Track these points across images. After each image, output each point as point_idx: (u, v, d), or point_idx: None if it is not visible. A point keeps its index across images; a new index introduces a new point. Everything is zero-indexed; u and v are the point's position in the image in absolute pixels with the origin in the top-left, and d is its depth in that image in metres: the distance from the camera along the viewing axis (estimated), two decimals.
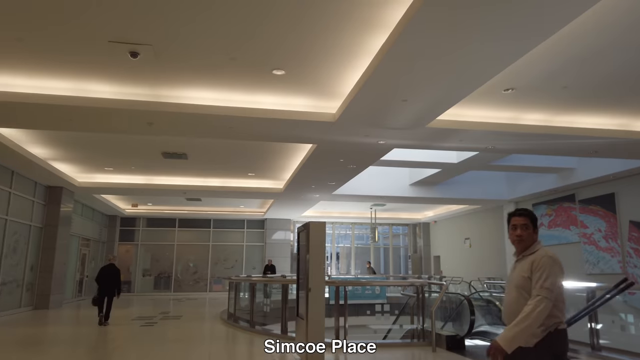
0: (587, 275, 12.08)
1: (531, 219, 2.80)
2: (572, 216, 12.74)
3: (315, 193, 13.88)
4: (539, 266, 2.56)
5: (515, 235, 2.77)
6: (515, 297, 2.63)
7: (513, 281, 2.70)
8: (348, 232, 23.19)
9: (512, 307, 2.63)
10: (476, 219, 18.19)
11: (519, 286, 2.62)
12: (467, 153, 10.73)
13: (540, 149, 8.80)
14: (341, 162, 9.94)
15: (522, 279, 2.61)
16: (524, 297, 2.56)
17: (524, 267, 2.65)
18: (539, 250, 2.69)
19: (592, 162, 11.36)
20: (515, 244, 2.79)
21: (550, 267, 2.55)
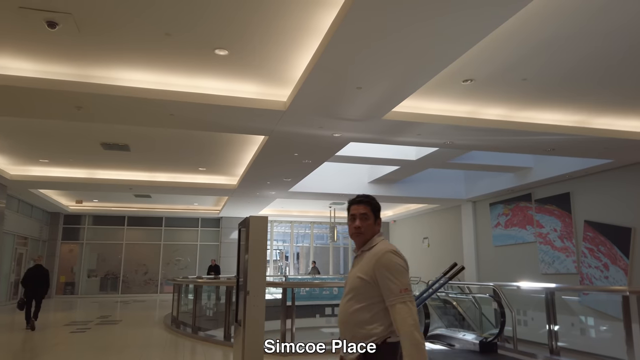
0: (542, 275, 12.07)
1: (372, 208, 2.39)
2: (529, 216, 12.72)
3: (271, 190, 13.31)
4: (386, 265, 2.13)
5: (354, 227, 2.34)
6: (348, 303, 2.20)
7: (349, 282, 2.27)
8: (307, 232, 22.72)
9: (344, 315, 2.21)
10: (434, 218, 18.10)
11: (354, 288, 2.20)
12: (426, 150, 10.45)
13: (499, 145, 8.58)
14: (296, 157, 9.43)
15: (359, 281, 2.18)
16: (358, 303, 2.15)
17: (362, 267, 2.22)
18: (379, 244, 2.26)
19: (549, 161, 11.33)
20: (354, 238, 2.36)
21: (399, 264, 2.14)
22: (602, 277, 10.27)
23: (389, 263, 2.13)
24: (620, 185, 10.10)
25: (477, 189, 14.22)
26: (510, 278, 13.28)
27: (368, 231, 2.32)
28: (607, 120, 7.80)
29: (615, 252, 9.99)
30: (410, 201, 15.72)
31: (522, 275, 12.77)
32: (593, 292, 8.64)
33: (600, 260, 10.34)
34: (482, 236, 14.90)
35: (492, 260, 14.31)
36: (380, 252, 2.19)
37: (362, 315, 2.15)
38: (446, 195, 14.77)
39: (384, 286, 2.10)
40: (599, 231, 10.48)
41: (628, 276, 9.67)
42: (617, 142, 8.18)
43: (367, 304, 2.15)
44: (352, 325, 2.17)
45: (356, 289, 2.19)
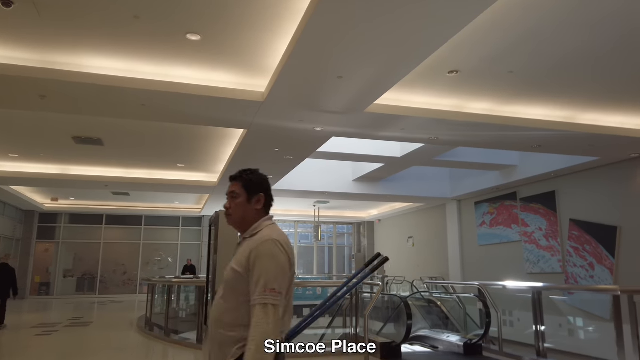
0: (527, 274, 11.94)
1: (243, 184, 2.00)
2: (514, 214, 12.59)
3: None
4: (260, 255, 1.76)
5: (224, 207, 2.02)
6: (219, 302, 1.85)
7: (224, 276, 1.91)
8: (291, 231, 22.39)
9: (214, 311, 1.86)
10: (419, 217, 17.93)
11: (227, 282, 1.84)
12: (411, 147, 10.23)
13: (485, 141, 8.37)
14: (277, 152, 9.12)
15: (232, 273, 1.81)
16: (229, 300, 1.80)
17: (238, 256, 1.86)
18: (264, 230, 1.91)
19: (534, 159, 11.19)
20: (229, 222, 2.01)
21: (274, 257, 1.76)
22: (587, 276, 10.14)
23: (265, 253, 1.77)
24: (605, 183, 9.99)
25: (462, 187, 14.06)
26: (495, 277, 13.13)
27: (238, 212, 1.95)
28: (594, 116, 7.65)
29: (601, 251, 9.87)
30: (395, 200, 15.51)
31: (508, 275, 12.62)
32: (579, 291, 8.48)
33: (586, 260, 10.22)
34: (467, 235, 14.75)
35: (477, 259, 14.16)
36: (261, 239, 1.83)
37: (231, 317, 1.78)
38: (431, 194, 14.58)
39: (251, 281, 1.74)
40: (584, 230, 10.36)
41: (614, 275, 9.55)
42: (603, 139, 8.03)
43: (238, 304, 1.77)
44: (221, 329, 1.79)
45: (228, 282, 1.82)
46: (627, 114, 7.59)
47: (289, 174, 12.77)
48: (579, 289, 5.21)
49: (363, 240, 22.56)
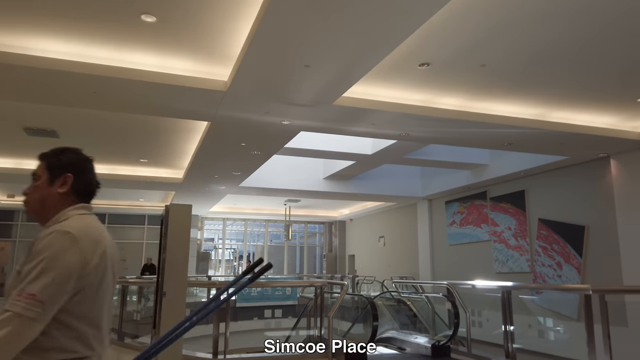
0: (496, 274, 11.93)
1: (48, 164, 1.65)
2: (484, 214, 12.57)
3: (220, 184, 12.56)
4: (38, 251, 1.42)
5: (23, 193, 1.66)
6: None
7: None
8: (262, 230, 22.00)
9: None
10: (391, 217, 17.83)
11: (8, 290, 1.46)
12: (382, 144, 10.05)
13: (455, 138, 8.24)
14: (243, 147, 8.77)
15: (16, 277, 1.44)
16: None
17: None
18: (66, 221, 1.54)
19: (504, 158, 11.18)
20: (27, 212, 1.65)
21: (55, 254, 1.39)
22: (555, 275, 10.16)
23: (44, 248, 1.41)
24: (574, 183, 10.03)
25: (433, 186, 14.00)
26: (464, 277, 13.09)
27: (34, 196, 1.59)
28: (565, 114, 7.60)
29: (569, 250, 9.90)
30: (366, 199, 15.34)
31: (477, 275, 12.60)
32: (548, 291, 8.43)
33: (554, 259, 10.24)
34: (437, 235, 14.70)
35: (447, 259, 14.12)
36: (52, 230, 1.46)
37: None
38: (402, 192, 14.47)
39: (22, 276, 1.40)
40: (552, 229, 10.38)
41: (581, 275, 9.58)
42: (573, 137, 8.00)
43: None
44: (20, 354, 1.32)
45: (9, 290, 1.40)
46: (597, 113, 7.57)
47: (258, 170, 12.43)
48: (550, 288, 5.04)
49: (334, 240, 22.35)
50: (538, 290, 5.33)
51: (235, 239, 22.76)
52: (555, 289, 4.70)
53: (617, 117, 7.70)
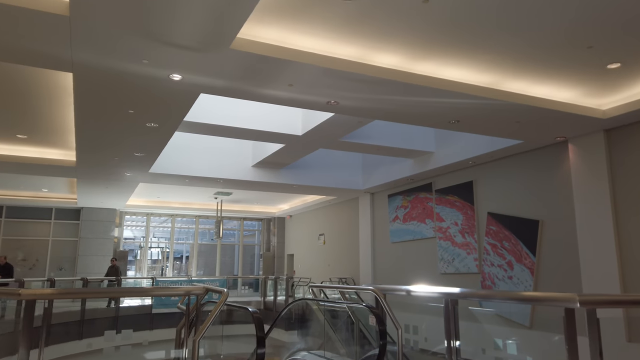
0: (441, 274, 10.68)
1: None
2: (428, 208, 11.31)
3: (125, 170, 10.59)
4: None
5: None
6: None
7: None
8: (192, 227, 19.96)
9: None
10: (331, 212, 16.37)
11: None
12: (313, 122, 8.51)
13: (394, 110, 6.79)
14: (132, 116, 6.94)
15: None
16: None
17: None
18: None
19: (451, 144, 9.94)
20: None
21: None
22: (505, 277, 8.99)
23: None
24: (527, 172, 8.88)
25: (375, 178, 12.63)
26: (406, 279, 11.79)
27: None
28: (521, 85, 6.33)
29: (521, 248, 8.74)
30: (302, 191, 13.76)
31: (420, 276, 11.32)
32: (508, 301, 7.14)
33: (504, 258, 9.06)
34: (379, 232, 13.35)
35: (388, 259, 12.79)
36: None
37: None
38: (342, 185, 13.00)
39: None
40: (503, 225, 9.21)
41: (534, 276, 8.43)
42: (529, 113, 6.77)
43: None
44: None
45: None
46: (559, 85, 6.35)
47: (173, 154, 10.64)
48: (509, 299, 3.62)
49: (273, 238, 20.66)
50: (491, 298, 3.93)
51: (166, 237, 20.59)
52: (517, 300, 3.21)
53: (581, 90, 6.52)
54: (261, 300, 15.15)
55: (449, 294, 3.74)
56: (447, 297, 3.71)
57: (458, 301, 3.68)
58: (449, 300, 3.67)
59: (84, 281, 11.86)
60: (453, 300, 3.66)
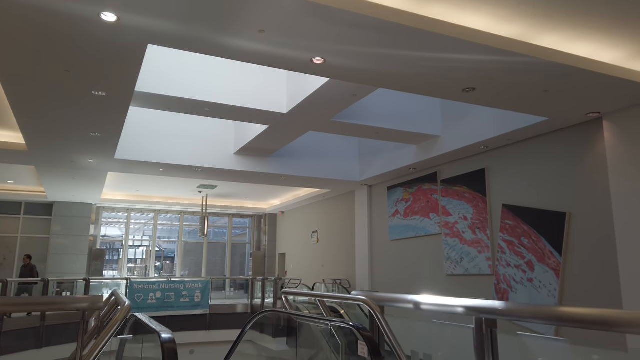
0: (447, 276, 9.35)
1: None
2: (433, 201, 9.98)
3: (86, 155, 9.25)
4: None
5: None
6: None
7: None
8: (176, 224, 18.61)
9: None
10: (325, 208, 15.04)
11: None
12: (299, 96, 7.20)
13: (394, 72, 5.44)
14: (72, 79, 5.61)
15: None
16: None
17: None
18: None
19: (460, 126, 8.62)
20: None
21: None
22: (524, 279, 7.67)
23: None
24: (551, 156, 7.56)
25: (373, 168, 11.29)
26: (408, 281, 10.47)
27: None
28: (556, 40, 5.01)
29: (543, 245, 7.42)
30: (291, 182, 12.42)
31: (423, 278, 10.00)
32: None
33: (523, 257, 7.74)
34: (377, 228, 12.02)
35: (387, 258, 11.46)
36: None
37: None
38: (336, 175, 11.67)
39: None
40: (521, 218, 7.88)
41: (560, 279, 7.10)
42: (562, 76, 5.44)
43: None
44: None
45: None
46: (601, 43, 5.04)
47: (144, 139, 9.35)
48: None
49: (263, 236, 19.32)
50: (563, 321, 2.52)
51: (149, 235, 19.22)
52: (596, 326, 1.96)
53: (629, 50, 5.20)
54: (248, 304, 13.86)
55: (482, 309, 2.41)
56: (479, 314, 2.38)
57: (497, 324, 2.35)
58: (482, 321, 2.35)
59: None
60: (489, 321, 2.33)
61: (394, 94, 8.72)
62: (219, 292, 17.64)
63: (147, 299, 12.68)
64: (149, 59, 6.72)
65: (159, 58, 6.95)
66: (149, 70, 6.79)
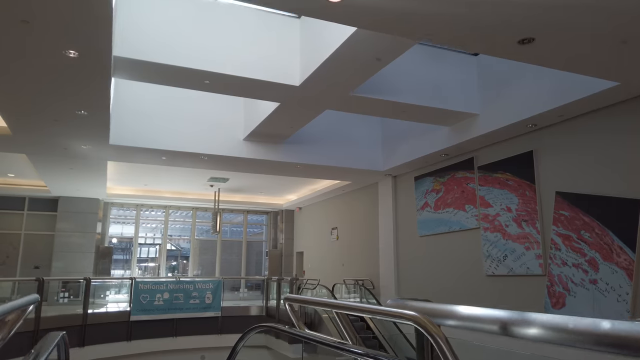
0: (487, 277, 8.09)
1: None
2: (469, 190, 8.72)
3: (78, 140, 8.29)
4: None
5: None
6: None
7: None
8: (188, 221, 17.69)
9: None
10: (345, 202, 13.87)
11: None
12: (313, 64, 6.08)
13: (436, 10, 4.24)
14: (30, 31, 4.59)
15: None
16: None
17: None
18: None
19: (502, 101, 7.36)
20: None
21: None
22: (585, 281, 6.37)
23: None
24: (620, 132, 6.25)
25: (399, 155, 10.07)
26: (439, 282, 9.23)
27: None
28: None
29: (610, 240, 6.11)
30: (306, 173, 11.29)
31: (458, 279, 8.75)
32: None
33: (584, 254, 6.44)
34: (404, 223, 10.80)
35: (415, 256, 10.23)
36: None
37: None
38: (357, 164, 10.48)
39: None
40: (580, 208, 6.59)
41: (634, 280, 5.79)
42: None
43: None
44: None
45: None
46: None
47: (142, 125, 8.38)
48: None
49: (280, 234, 18.25)
50: None
51: (162, 233, 18.35)
52: None
53: None
54: (263, 306, 12.83)
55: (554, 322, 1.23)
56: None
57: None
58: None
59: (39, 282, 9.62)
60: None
61: (424, 64, 7.53)
62: (233, 292, 16.68)
63: (154, 300, 11.72)
64: (135, 18, 5.69)
65: (147, 19, 5.91)
66: (135, 33, 5.75)
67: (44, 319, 9.19)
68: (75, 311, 10.44)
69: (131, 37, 5.70)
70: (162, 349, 11.55)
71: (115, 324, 10.95)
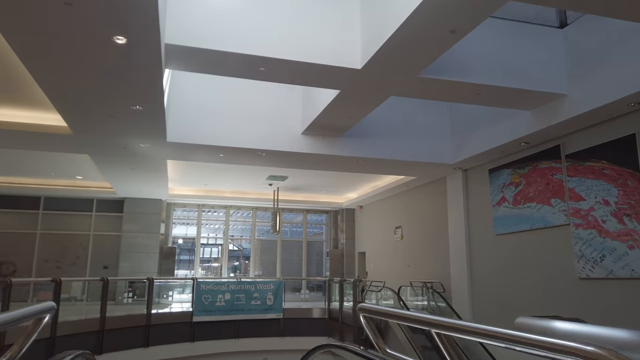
0: (580, 279, 7.07)
1: None
2: (555, 182, 7.71)
3: (136, 138, 8.17)
4: None
5: None
6: None
7: None
8: (248, 221, 17.57)
9: None
10: (410, 199, 13.08)
11: None
12: (377, 42, 5.46)
13: None
14: (72, 12, 4.32)
15: None
16: None
17: None
18: None
19: (596, 78, 6.35)
20: None
21: None
22: None
23: None
24: None
25: (470, 146, 9.19)
26: (523, 287, 8.26)
27: None
28: None
29: None
30: (368, 168, 10.64)
31: (545, 283, 7.76)
32: None
33: None
34: (477, 221, 9.87)
35: (492, 257, 9.28)
36: None
37: None
38: (422, 157, 9.69)
39: None
40: None
41: None
42: None
43: None
44: None
45: None
46: None
47: (198, 121, 8.14)
48: None
49: (341, 234, 17.69)
50: None
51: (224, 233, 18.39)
52: None
53: None
54: (325, 308, 12.33)
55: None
56: None
57: None
58: None
59: (103, 282, 9.66)
60: None
61: (499, 40, 6.69)
62: (294, 293, 16.33)
63: (215, 301, 11.53)
64: (185, 3, 5.35)
65: (199, 3, 5.55)
66: (186, 19, 5.41)
67: (109, 319, 9.18)
68: (140, 311, 10.43)
69: (182, 23, 5.37)
70: (224, 350, 11.35)
71: (178, 324, 10.87)
